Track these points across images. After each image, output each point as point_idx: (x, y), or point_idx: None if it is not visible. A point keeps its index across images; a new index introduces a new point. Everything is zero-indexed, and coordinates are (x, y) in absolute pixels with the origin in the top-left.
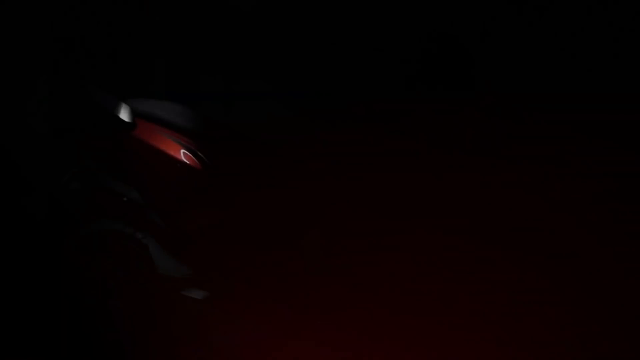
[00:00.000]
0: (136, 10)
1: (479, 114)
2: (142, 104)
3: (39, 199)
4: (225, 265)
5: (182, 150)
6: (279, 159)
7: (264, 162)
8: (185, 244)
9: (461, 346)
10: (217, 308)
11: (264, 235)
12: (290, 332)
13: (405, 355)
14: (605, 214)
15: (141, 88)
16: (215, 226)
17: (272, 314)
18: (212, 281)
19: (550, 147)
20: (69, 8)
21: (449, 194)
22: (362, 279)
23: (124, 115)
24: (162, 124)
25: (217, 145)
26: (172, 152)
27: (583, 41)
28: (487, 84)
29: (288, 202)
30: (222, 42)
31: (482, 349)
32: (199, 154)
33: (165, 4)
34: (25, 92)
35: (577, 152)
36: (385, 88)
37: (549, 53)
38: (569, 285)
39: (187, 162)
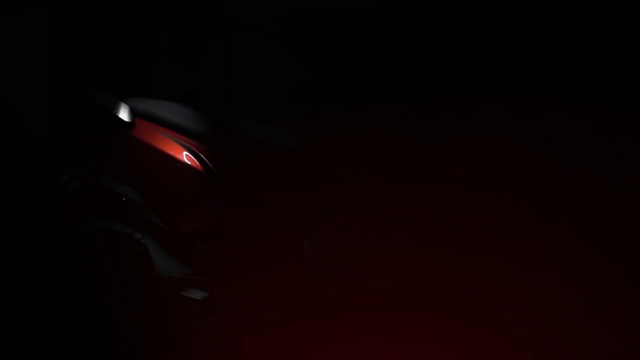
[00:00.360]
0: (136, 10)
1: (479, 113)
2: (142, 103)
3: (38, 199)
4: (225, 266)
5: (181, 150)
6: (280, 160)
7: (264, 163)
8: (185, 245)
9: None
10: (216, 309)
11: (264, 237)
12: (290, 331)
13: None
14: (603, 211)
15: (141, 88)
16: (215, 227)
17: (271, 315)
18: (212, 282)
19: (550, 146)
20: (69, 8)
21: (449, 194)
22: (362, 281)
23: (124, 114)
24: (161, 123)
25: (216, 145)
26: (171, 152)
27: (583, 41)
28: (487, 84)
29: (288, 205)
30: (222, 42)
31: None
32: (199, 153)
33: (166, 4)
34: (25, 92)
35: (576, 151)
36: (385, 88)
37: (549, 53)
38: (569, 277)
39: (187, 162)
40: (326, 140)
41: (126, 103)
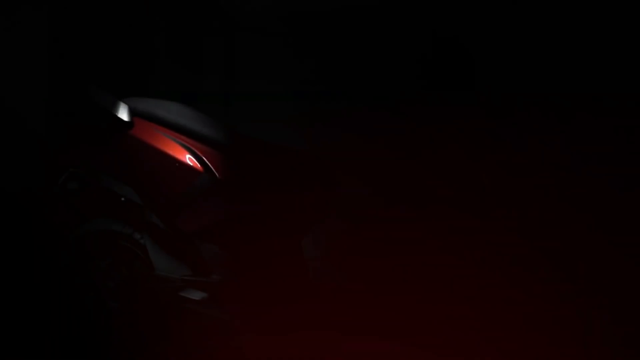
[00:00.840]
0: (136, 9)
1: (479, 113)
2: (141, 103)
3: (37, 199)
4: (224, 266)
5: (180, 150)
6: (280, 161)
7: (264, 164)
8: (184, 245)
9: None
10: (215, 309)
11: (264, 238)
12: (290, 332)
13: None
14: (604, 210)
15: (141, 88)
16: (214, 228)
17: (271, 315)
18: (211, 282)
19: (550, 146)
20: (68, 7)
21: (452, 196)
22: (361, 282)
23: (123, 114)
24: (160, 123)
25: (216, 145)
26: (170, 152)
27: (583, 41)
28: (487, 84)
29: (289, 205)
30: (222, 42)
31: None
32: (198, 153)
33: (166, 4)
34: (24, 91)
35: (577, 150)
36: (385, 88)
37: (549, 53)
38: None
39: (186, 162)
40: (326, 140)
41: (125, 102)
